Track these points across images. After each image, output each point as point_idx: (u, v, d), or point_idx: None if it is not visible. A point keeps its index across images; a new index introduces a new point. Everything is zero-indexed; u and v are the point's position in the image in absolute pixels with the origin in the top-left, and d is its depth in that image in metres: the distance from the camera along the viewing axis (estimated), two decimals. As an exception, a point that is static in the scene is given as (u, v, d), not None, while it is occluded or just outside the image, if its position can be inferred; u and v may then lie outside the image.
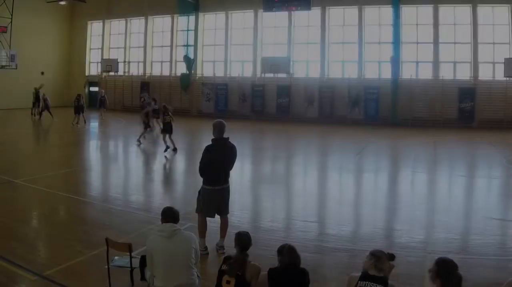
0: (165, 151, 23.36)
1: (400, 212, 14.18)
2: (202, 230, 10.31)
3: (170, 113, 24.12)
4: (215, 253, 10.15)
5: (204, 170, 10.21)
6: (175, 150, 23.57)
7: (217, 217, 10.48)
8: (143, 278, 7.74)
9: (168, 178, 20.30)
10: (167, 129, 23.90)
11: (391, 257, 6.28)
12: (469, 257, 9.87)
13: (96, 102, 45.42)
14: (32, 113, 42.09)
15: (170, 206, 7.67)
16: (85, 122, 36.39)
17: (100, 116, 41.45)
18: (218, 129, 10.16)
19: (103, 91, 45.01)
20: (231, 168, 10.46)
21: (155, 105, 31.83)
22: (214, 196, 10.22)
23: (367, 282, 5.88)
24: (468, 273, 8.06)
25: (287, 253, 6.57)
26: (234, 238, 7.19)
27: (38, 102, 41.88)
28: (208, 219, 10.45)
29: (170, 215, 7.25)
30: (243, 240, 7.08)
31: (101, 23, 54.85)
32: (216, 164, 10.11)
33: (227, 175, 10.39)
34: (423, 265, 9.49)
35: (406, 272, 8.99)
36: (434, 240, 11.22)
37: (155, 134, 29.54)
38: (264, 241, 10.81)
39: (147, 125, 27.59)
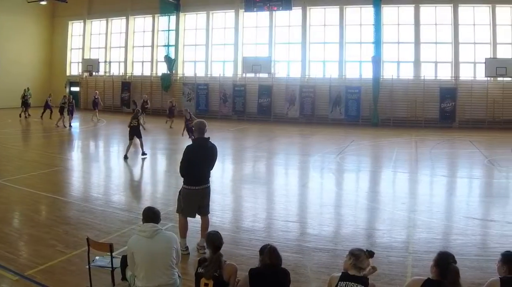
0: (125, 157, 22.18)
1: (382, 212, 14.09)
2: (183, 230, 10.31)
3: (138, 117, 23.67)
4: (196, 253, 10.08)
5: (184, 170, 10.18)
6: (144, 154, 22.74)
7: (198, 217, 10.45)
8: (124, 278, 7.73)
9: (149, 178, 20.19)
10: (133, 134, 22.78)
11: (370, 254, 6.27)
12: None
13: (79, 103, 45.16)
14: (21, 114, 41.64)
15: (151, 206, 7.72)
16: (67, 124, 35.83)
17: (95, 118, 40.72)
18: (198, 129, 10.21)
19: (97, 92, 44.26)
20: (211, 168, 10.44)
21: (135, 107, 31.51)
22: (194, 196, 10.19)
23: (347, 282, 5.95)
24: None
25: (268, 253, 6.58)
26: (205, 240, 7.17)
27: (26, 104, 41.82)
28: (189, 219, 10.46)
29: (151, 215, 7.26)
30: (214, 240, 7.00)
31: (82, 23, 54.42)
32: (196, 164, 10.10)
33: (207, 175, 10.38)
34: (404, 265, 9.56)
35: (388, 272, 9.07)
36: (416, 240, 11.20)
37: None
38: (245, 241, 10.93)
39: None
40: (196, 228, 10.61)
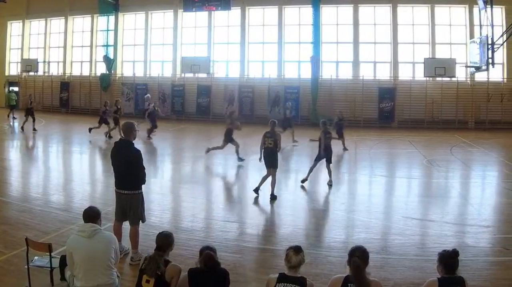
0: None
1: (321, 212, 13.99)
2: (116, 233, 8.90)
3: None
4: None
5: None
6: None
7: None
8: (63, 278, 7.61)
9: (88, 177, 19.28)
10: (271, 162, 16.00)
11: (296, 250, 6.06)
12: (389, 257, 9.81)
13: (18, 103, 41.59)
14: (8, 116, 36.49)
15: (92, 205, 7.36)
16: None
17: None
18: (122, 131, 9.60)
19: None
20: (133, 176, 9.25)
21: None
22: (119, 199, 9.40)
23: (285, 284, 5.86)
24: (388, 273, 8.72)
25: (203, 260, 6.23)
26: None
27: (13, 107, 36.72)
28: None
29: (90, 215, 6.92)
30: (158, 239, 6.77)
31: (21, 23, 50.32)
32: (115, 164, 9.41)
33: (127, 181, 9.26)
34: (343, 265, 8.70)
35: (327, 272, 8.91)
36: (355, 240, 10.83)
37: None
38: (184, 241, 10.54)
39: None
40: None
